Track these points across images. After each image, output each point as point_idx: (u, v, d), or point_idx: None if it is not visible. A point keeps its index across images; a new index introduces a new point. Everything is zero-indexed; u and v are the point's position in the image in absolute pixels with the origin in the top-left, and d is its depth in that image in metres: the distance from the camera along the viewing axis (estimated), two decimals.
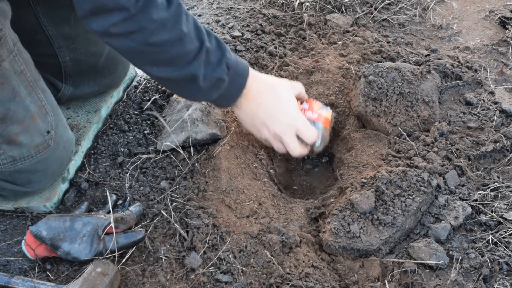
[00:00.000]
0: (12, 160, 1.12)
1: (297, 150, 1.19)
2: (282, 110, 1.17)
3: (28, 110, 1.10)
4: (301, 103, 1.24)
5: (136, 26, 0.93)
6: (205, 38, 1.03)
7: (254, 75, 1.14)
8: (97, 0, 0.89)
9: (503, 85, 1.51)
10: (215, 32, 1.73)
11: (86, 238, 1.04)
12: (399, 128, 1.32)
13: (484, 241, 1.10)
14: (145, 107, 1.46)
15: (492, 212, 1.15)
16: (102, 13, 0.91)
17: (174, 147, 1.28)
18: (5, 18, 1.07)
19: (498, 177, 1.24)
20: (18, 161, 1.12)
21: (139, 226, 1.15)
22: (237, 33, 1.71)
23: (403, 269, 1.05)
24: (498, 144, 1.29)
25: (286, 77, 1.54)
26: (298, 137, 1.19)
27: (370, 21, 1.79)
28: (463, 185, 1.21)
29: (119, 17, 0.91)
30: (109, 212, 1.13)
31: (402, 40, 1.71)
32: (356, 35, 1.70)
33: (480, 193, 1.18)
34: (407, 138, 1.30)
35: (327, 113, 1.25)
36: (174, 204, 1.19)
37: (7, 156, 1.11)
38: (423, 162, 1.22)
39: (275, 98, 1.16)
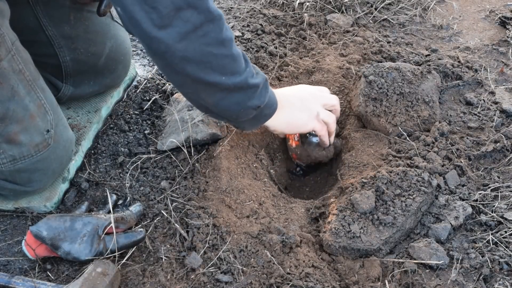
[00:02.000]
0: (12, 159, 1.12)
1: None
2: (302, 95, 1.26)
3: (27, 109, 1.10)
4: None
5: (207, 18, 0.90)
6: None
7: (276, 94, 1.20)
8: (163, 7, 0.86)
9: (503, 85, 1.51)
10: None
11: (86, 238, 1.04)
12: (400, 128, 1.32)
13: (485, 241, 1.10)
14: (145, 107, 1.46)
15: (492, 212, 1.15)
16: (173, 16, 0.88)
17: (180, 145, 1.28)
18: (3, 18, 1.07)
19: (499, 177, 1.24)
20: (18, 160, 1.12)
21: (139, 226, 1.15)
22: (237, 33, 1.71)
23: (403, 269, 1.05)
24: (498, 144, 1.29)
25: (286, 77, 1.54)
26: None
27: (371, 21, 1.79)
28: (463, 185, 1.21)
29: (191, 12, 0.88)
30: (109, 212, 1.13)
31: (403, 40, 1.71)
32: (356, 35, 1.70)
33: (480, 193, 1.18)
34: (408, 138, 1.30)
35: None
36: (174, 204, 1.19)
37: (7, 156, 1.11)
38: (423, 162, 1.22)
39: (295, 90, 1.28)
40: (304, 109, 1.24)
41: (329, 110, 1.29)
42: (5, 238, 1.16)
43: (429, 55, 1.61)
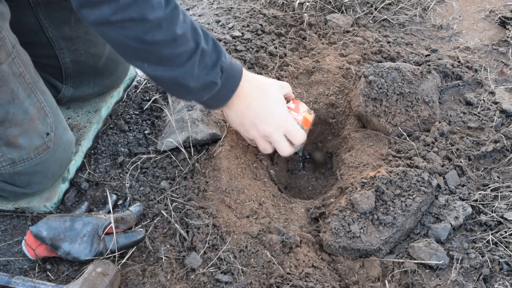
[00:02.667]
0: (12, 162, 1.12)
1: (287, 149, 1.21)
2: (272, 111, 1.19)
3: (27, 113, 1.10)
4: (287, 102, 1.26)
5: (126, 18, 0.92)
6: (202, 40, 1.02)
7: (246, 75, 1.14)
8: None
9: (503, 85, 1.51)
10: (214, 32, 1.73)
11: (86, 238, 1.04)
12: (399, 128, 1.32)
13: (484, 241, 1.10)
14: (145, 107, 1.46)
15: (492, 212, 1.15)
16: (92, 5, 0.90)
17: (179, 145, 1.28)
18: (3, 20, 1.07)
19: (498, 177, 1.24)
20: (18, 163, 1.12)
21: (139, 226, 1.15)
22: (237, 33, 1.71)
23: (403, 269, 1.05)
24: (498, 144, 1.29)
25: (286, 77, 1.54)
26: (286, 138, 1.21)
27: (370, 21, 1.79)
28: (463, 185, 1.21)
29: (108, 9, 0.90)
30: (109, 212, 1.13)
31: (402, 40, 1.71)
32: (356, 35, 1.70)
33: (480, 193, 1.18)
34: (407, 138, 1.30)
35: (310, 116, 1.29)
36: (174, 204, 1.19)
37: (7, 158, 1.11)
38: (423, 162, 1.22)
39: (265, 99, 1.18)
40: (258, 125, 1.18)
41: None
42: (5, 238, 1.16)
43: (429, 55, 1.61)
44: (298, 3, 1.83)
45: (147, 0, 0.93)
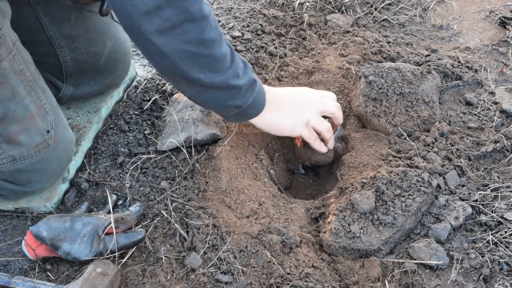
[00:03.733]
0: (12, 159, 1.12)
1: (329, 127, 1.27)
2: (303, 95, 1.25)
3: (27, 110, 1.10)
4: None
5: (188, 17, 0.91)
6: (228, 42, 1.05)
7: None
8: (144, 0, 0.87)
9: (503, 85, 1.51)
10: None
11: (86, 238, 1.04)
12: (399, 128, 1.32)
13: (484, 241, 1.10)
14: (145, 107, 1.46)
15: (492, 212, 1.15)
16: (153, 13, 0.89)
17: (179, 145, 1.28)
18: (4, 18, 1.07)
19: (498, 177, 1.24)
20: (18, 160, 1.12)
21: (139, 226, 1.15)
22: (237, 33, 1.71)
23: (403, 269, 1.05)
24: (498, 144, 1.29)
25: (286, 77, 1.54)
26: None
27: (370, 21, 1.79)
28: (463, 185, 1.21)
29: (170, 10, 0.89)
30: (109, 212, 1.13)
31: (402, 40, 1.71)
32: (356, 35, 1.70)
33: (480, 193, 1.18)
34: (407, 138, 1.30)
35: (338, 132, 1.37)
36: (174, 204, 1.19)
37: (7, 156, 1.11)
38: (423, 162, 1.22)
39: (291, 89, 1.25)
40: (293, 114, 1.22)
41: (328, 118, 1.28)
42: (5, 238, 1.16)
43: (429, 55, 1.61)
44: (298, 3, 1.83)
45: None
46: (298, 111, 1.23)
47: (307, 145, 1.33)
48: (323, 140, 1.30)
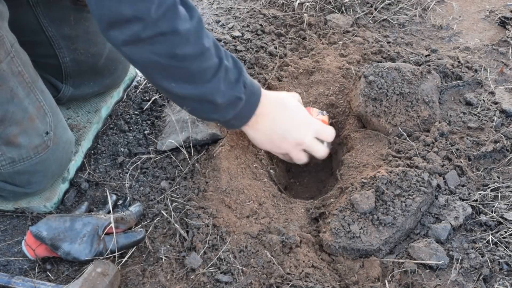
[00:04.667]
0: (11, 161, 1.12)
1: (323, 150, 1.23)
2: (297, 118, 1.19)
3: (26, 111, 1.10)
4: None
5: (157, 33, 0.90)
6: (223, 56, 1.02)
7: (264, 92, 1.15)
8: (113, 11, 0.87)
9: (503, 85, 1.51)
10: (214, 32, 1.73)
11: (86, 238, 1.04)
12: (399, 128, 1.32)
13: (484, 241, 1.10)
14: (145, 107, 1.46)
15: (492, 212, 1.15)
16: (120, 24, 0.89)
17: (179, 145, 1.28)
18: (2, 19, 1.07)
19: (498, 177, 1.24)
20: (17, 162, 1.12)
21: (139, 226, 1.15)
22: (237, 33, 1.71)
23: (403, 269, 1.05)
24: (498, 144, 1.29)
25: (286, 77, 1.54)
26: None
27: (370, 21, 1.79)
28: (463, 185, 1.21)
29: (138, 26, 0.88)
30: (109, 212, 1.13)
31: (402, 40, 1.71)
32: (356, 35, 1.70)
33: (480, 193, 1.18)
34: (407, 138, 1.30)
35: (325, 117, 1.32)
36: (174, 204, 1.19)
37: (6, 158, 1.11)
38: (423, 162, 1.22)
39: (286, 110, 1.18)
40: (288, 135, 1.18)
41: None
42: (5, 238, 1.16)
43: (429, 55, 1.61)
44: (298, 3, 1.83)
45: (175, 12, 0.91)
46: (293, 132, 1.18)
47: None
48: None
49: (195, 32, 0.95)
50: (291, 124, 1.18)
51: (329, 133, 1.24)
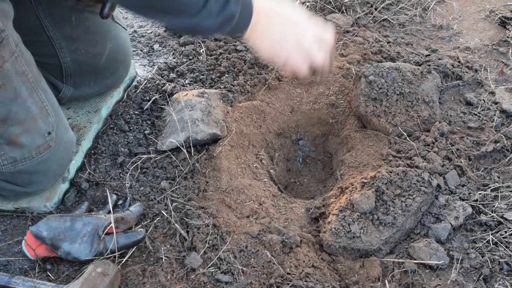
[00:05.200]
0: (13, 161, 1.12)
1: (322, 55, 1.13)
2: (295, 18, 1.13)
3: (29, 111, 1.10)
4: None
5: None
6: None
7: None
8: None
9: (503, 85, 1.51)
10: None
11: (86, 238, 1.04)
12: (400, 128, 1.32)
13: (485, 241, 1.10)
14: (145, 107, 1.46)
15: (492, 212, 1.15)
16: None
17: (179, 145, 1.28)
18: (7, 19, 1.07)
19: (499, 177, 1.24)
20: (19, 162, 1.12)
21: (140, 226, 1.15)
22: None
23: (403, 269, 1.05)
24: (498, 144, 1.29)
25: (286, 77, 1.54)
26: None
27: (371, 21, 1.79)
28: (463, 185, 1.21)
29: None
30: (109, 212, 1.13)
31: (403, 40, 1.71)
32: (356, 35, 1.70)
33: (480, 193, 1.18)
34: (408, 138, 1.30)
35: None
36: (174, 204, 1.19)
37: (8, 157, 1.11)
38: (423, 162, 1.22)
39: (283, 10, 1.13)
40: (288, 38, 1.11)
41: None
42: (5, 238, 1.16)
43: (429, 55, 1.61)
44: (298, 3, 1.83)
45: None
46: (291, 33, 1.12)
47: None
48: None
49: None
50: (289, 23, 1.13)
51: (330, 36, 1.16)
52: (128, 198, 1.21)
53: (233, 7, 1.01)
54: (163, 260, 1.08)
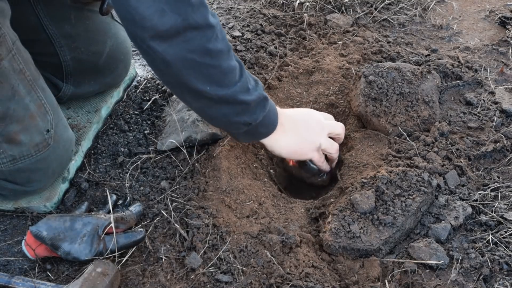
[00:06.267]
0: (12, 159, 1.12)
1: (336, 145, 1.26)
2: (313, 121, 1.22)
3: (27, 109, 1.10)
4: None
5: (191, 25, 0.88)
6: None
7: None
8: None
9: (503, 85, 1.51)
10: None
11: (86, 238, 1.04)
12: (399, 128, 1.32)
13: (484, 241, 1.10)
14: (145, 107, 1.46)
15: (492, 212, 1.15)
16: (160, 15, 0.86)
17: (179, 145, 1.28)
18: (4, 17, 1.07)
19: (498, 177, 1.24)
20: (18, 160, 1.12)
21: (139, 226, 1.15)
22: (237, 33, 1.71)
23: (403, 269, 1.05)
24: (498, 144, 1.29)
25: (286, 77, 1.54)
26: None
27: (370, 21, 1.79)
28: (463, 185, 1.21)
29: (178, 13, 0.86)
30: (109, 212, 1.13)
31: (402, 40, 1.71)
32: (356, 35, 1.70)
33: (480, 193, 1.18)
34: (407, 138, 1.30)
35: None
36: (174, 204, 1.19)
37: (7, 155, 1.11)
38: (423, 162, 1.22)
39: (303, 115, 1.22)
40: (308, 138, 1.20)
41: (333, 138, 1.26)
42: (5, 238, 1.16)
43: (429, 55, 1.61)
44: (298, 3, 1.83)
45: (206, 6, 0.89)
46: (312, 135, 1.20)
47: (304, 168, 1.28)
48: (328, 159, 1.28)
49: (220, 27, 0.94)
50: (308, 127, 1.20)
51: (340, 129, 1.26)
52: (128, 198, 1.21)
53: (263, 90, 1.06)
54: (163, 260, 1.08)
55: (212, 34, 0.92)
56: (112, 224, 1.06)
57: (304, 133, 1.19)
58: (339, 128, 1.26)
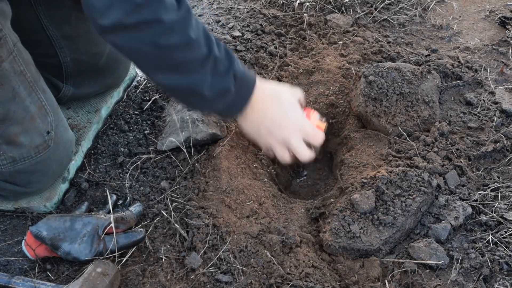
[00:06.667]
0: (12, 160, 1.12)
1: (307, 154, 1.15)
2: (288, 116, 1.14)
3: (28, 111, 1.10)
4: None
5: (140, 20, 0.89)
6: (214, 46, 0.99)
7: (259, 84, 1.10)
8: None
9: (503, 85, 1.51)
10: (214, 32, 1.73)
11: (86, 238, 1.04)
12: (399, 128, 1.32)
13: (484, 241, 1.10)
14: (145, 107, 1.46)
15: (492, 212, 1.15)
16: (108, 9, 0.87)
17: (179, 145, 1.28)
18: (5, 19, 1.07)
19: (498, 177, 1.24)
20: (18, 161, 1.12)
21: (139, 226, 1.15)
22: (237, 33, 1.71)
23: (403, 269, 1.05)
24: (498, 144, 1.29)
25: (286, 77, 1.54)
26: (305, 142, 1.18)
27: (370, 21, 1.79)
28: (463, 185, 1.21)
29: (122, 9, 0.87)
30: (109, 212, 1.13)
31: (402, 40, 1.71)
32: (356, 35, 1.70)
33: (480, 193, 1.18)
34: (407, 138, 1.30)
35: (323, 124, 1.26)
36: (174, 204, 1.19)
37: (7, 157, 1.11)
38: (423, 162, 1.22)
39: (280, 105, 1.14)
40: (280, 129, 1.13)
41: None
42: (5, 238, 1.16)
43: (429, 55, 1.61)
44: (298, 3, 1.83)
45: (160, 1, 0.90)
46: (283, 130, 1.13)
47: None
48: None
49: (181, 22, 0.94)
50: (280, 120, 1.13)
51: (318, 139, 1.16)
52: (128, 198, 1.21)
53: (230, 81, 1.02)
54: (163, 260, 1.08)
55: (163, 30, 0.91)
56: (112, 224, 1.06)
57: (273, 123, 1.12)
58: (318, 138, 1.16)
